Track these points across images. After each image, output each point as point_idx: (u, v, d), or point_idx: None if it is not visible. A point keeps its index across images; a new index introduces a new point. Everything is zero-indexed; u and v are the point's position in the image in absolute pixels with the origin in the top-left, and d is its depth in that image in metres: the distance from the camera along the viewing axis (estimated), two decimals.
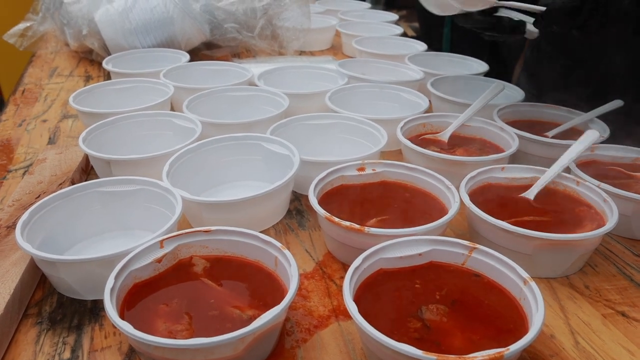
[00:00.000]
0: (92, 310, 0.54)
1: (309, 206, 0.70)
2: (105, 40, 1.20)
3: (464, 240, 0.53)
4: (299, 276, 0.47)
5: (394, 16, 1.57)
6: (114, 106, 0.87)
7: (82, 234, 0.62)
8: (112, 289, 0.46)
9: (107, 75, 1.19)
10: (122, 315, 0.46)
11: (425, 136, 0.84)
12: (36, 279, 0.57)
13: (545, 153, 0.78)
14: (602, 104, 0.85)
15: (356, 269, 0.49)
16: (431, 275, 0.52)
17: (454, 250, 0.53)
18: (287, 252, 0.50)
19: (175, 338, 0.44)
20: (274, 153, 0.72)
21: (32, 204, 0.58)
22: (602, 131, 0.82)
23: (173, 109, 0.96)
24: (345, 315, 0.53)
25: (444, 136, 0.83)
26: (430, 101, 0.95)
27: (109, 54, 1.19)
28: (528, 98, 0.95)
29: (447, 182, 0.64)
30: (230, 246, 0.54)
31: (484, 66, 1.12)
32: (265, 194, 0.61)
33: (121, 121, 0.80)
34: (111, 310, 0.43)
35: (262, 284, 0.51)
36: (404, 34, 1.44)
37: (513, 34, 0.81)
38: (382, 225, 0.60)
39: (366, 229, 0.55)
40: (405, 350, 0.39)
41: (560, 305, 0.56)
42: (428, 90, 0.97)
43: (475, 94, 0.89)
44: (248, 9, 1.30)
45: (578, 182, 0.66)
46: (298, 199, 0.74)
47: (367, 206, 0.64)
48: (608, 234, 0.68)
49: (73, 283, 0.53)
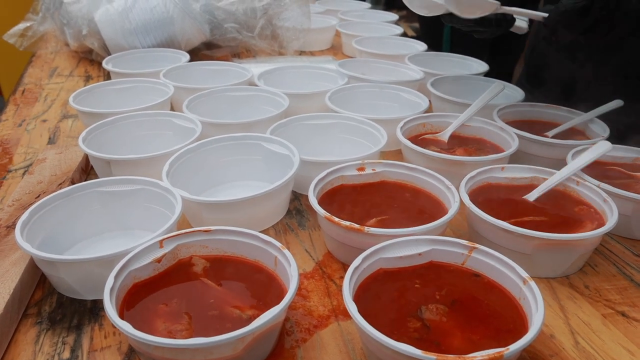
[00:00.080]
0: (92, 310, 0.54)
1: (308, 206, 0.70)
2: (105, 40, 1.20)
3: (463, 240, 0.53)
4: (298, 276, 0.47)
5: (394, 16, 1.57)
6: (114, 106, 0.87)
7: (82, 233, 0.62)
8: (112, 289, 0.46)
9: (107, 75, 1.19)
10: (122, 315, 0.46)
11: (425, 136, 0.84)
12: (36, 278, 0.57)
13: (545, 153, 0.78)
14: (602, 104, 0.85)
15: (356, 268, 0.49)
16: (431, 275, 0.52)
17: (453, 250, 0.53)
18: (287, 252, 0.50)
19: (174, 338, 0.44)
20: (273, 153, 0.72)
21: (32, 204, 0.58)
22: (602, 131, 0.82)
23: (173, 109, 0.96)
24: (345, 315, 0.53)
25: (444, 136, 0.83)
26: (430, 101, 0.95)
27: (109, 54, 1.19)
28: (528, 98, 0.95)
29: (447, 182, 0.64)
30: (230, 246, 0.54)
31: (484, 66, 1.12)
32: (265, 193, 0.62)
33: (121, 121, 0.80)
34: (111, 310, 0.43)
35: (262, 284, 0.51)
36: (404, 34, 1.44)
37: (499, 27, 0.81)
38: (382, 225, 0.60)
39: (366, 228, 0.55)
40: (405, 350, 0.39)
41: (560, 305, 0.56)
42: (428, 90, 0.97)
43: (475, 94, 0.89)
44: (248, 9, 1.30)
45: (578, 182, 0.66)
46: (298, 199, 0.74)
47: (367, 206, 0.64)
48: (608, 234, 0.68)
49: (73, 283, 0.53)
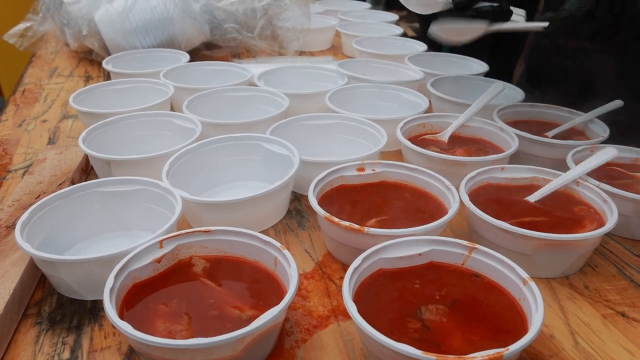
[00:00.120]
0: (92, 310, 0.54)
1: (308, 206, 0.70)
2: (105, 40, 1.20)
3: (463, 241, 0.53)
4: (298, 276, 0.47)
5: (394, 16, 1.57)
6: (114, 106, 0.87)
7: (82, 234, 0.62)
8: (112, 289, 0.46)
9: (107, 76, 1.19)
10: (122, 316, 0.46)
11: (425, 136, 0.84)
12: (36, 279, 0.57)
13: (545, 153, 0.78)
14: (602, 104, 0.85)
15: (356, 269, 0.49)
16: (431, 276, 0.52)
17: (453, 251, 0.53)
18: (287, 253, 0.50)
19: (174, 338, 0.44)
20: (273, 153, 0.72)
21: (32, 204, 0.58)
22: (602, 131, 0.82)
23: (173, 109, 0.96)
24: (344, 315, 0.53)
25: (444, 136, 0.83)
26: (430, 101, 0.95)
27: (109, 54, 1.19)
28: (528, 98, 0.95)
29: (447, 182, 0.64)
30: (230, 246, 0.54)
31: (484, 66, 1.12)
32: (265, 194, 0.61)
33: (121, 121, 0.80)
34: (110, 310, 0.43)
35: (262, 284, 0.51)
36: (404, 35, 1.44)
37: (496, 17, 0.81)
38: (382, 225, 0.60)
39: (366, 229, 0.55)
40: (405, 350, 0.39)
41: (559, 305, 0.56)
42: (428, 91, 0.97)
43: (475, 94, 0.89)
44: (248, 9, 1.30)
45: (578, 183, 0.66)
46: (298, 199, 0.74)
47: (367, 206, 0.64)
48: (608, 234, 0.68)
49: (72, 283, 0.53)
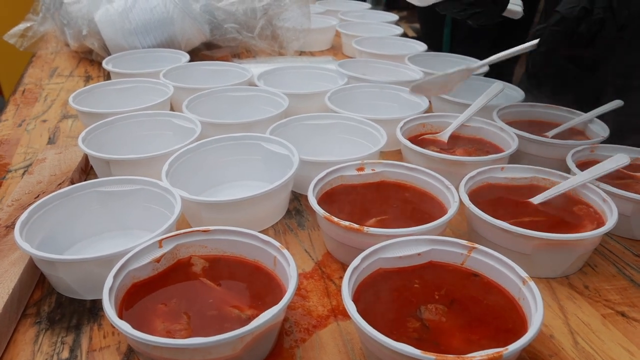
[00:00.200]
0: (91, 310, 0.54)
1: (308, 206, 0.70)
2: (105, 40, 1.20)
3: (463, 240, 0.53)
4: (297, 276, 0.47)
5: (394, 16, 1.57)
6: (113, 106, 0.87)
7: (81, 233, 0.62)
8: (111, 289, 0.46)
9: (107, 76, 1.19)
10: (121, 315, 0.46)
11: (424, 136, 0.84)
12: (35, 278, 0.57)
13: (545, 153, 0.78)
14: (602, 104, 0.85)
15: (355, 268, 0.49)
16: (430, 275, 0.52)
17: (453, 250, 0.53)
18: (286, 252, 0.50)
19: (173, 338, 0.44)
20: (273, 153, 0.72)
21: (32, 204, 0.58)
22: (602, 131, 0.82)
23: (173, 109, 0.96)
24: (344, 315, 0.53)
25: (444, 136, 0.83)
26: (430, 101, 0.95)
27: (109, 54, 1.19)
28: (528, 98, 0.95)
29: (447, 182, 0.64)
30: (229, 246, 0.54)
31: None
32: (265, 193, 0.61)
33: (121, 121, 0.80)
34: (110, 310, 0.43)
35: (261, 284, 0.51)
36: (404, 35, 1.43)
37: (495, 6, 0.81)
38: (381, 225, 0.60)
39: (365, 228, 0.55)
40: (404, 350, 0.39)
41: (559, 305, 0.56)
42: None
43: (475, 94, 0.89)
44: (248, 9, 1.30)
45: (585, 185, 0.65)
46: (297, 199, 0.74)
47: (367, 206, 0.64)
48: (608, 234, 0.68)
49: (72, 283, 0.53)
